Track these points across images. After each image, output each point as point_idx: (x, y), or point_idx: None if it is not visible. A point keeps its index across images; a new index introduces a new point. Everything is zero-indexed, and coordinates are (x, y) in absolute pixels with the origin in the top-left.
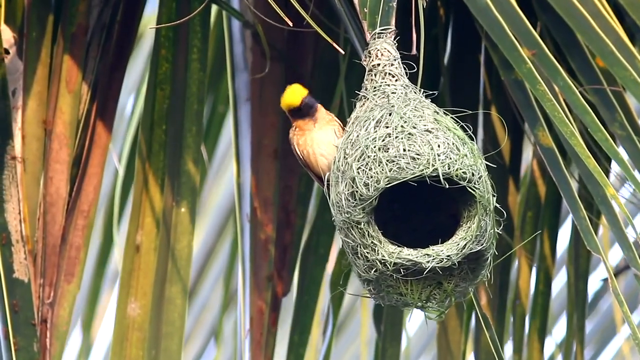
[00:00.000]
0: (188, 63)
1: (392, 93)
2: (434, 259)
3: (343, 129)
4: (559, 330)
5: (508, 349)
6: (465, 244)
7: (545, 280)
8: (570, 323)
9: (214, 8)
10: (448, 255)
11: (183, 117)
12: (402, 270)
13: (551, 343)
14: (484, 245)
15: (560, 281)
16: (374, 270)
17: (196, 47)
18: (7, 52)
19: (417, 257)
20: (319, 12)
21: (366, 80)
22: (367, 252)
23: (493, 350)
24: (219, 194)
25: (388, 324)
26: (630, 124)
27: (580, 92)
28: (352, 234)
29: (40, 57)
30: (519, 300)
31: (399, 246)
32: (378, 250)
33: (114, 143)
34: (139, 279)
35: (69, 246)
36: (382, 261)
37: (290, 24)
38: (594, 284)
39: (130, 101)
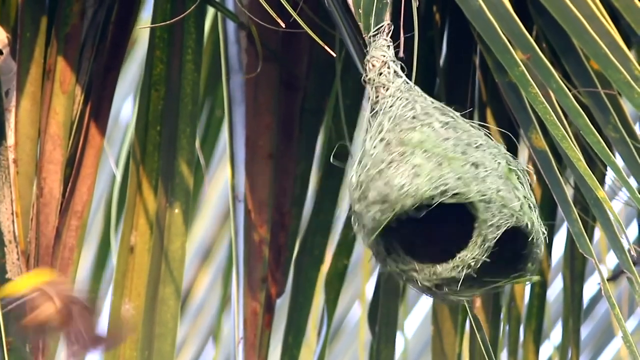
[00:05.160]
0: (182, 64)
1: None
2: (462, 268)
3: None
4: (557, 334)
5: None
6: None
7: (540, 282)
8: (566, 326)
9: (210, 10)
10: (473, 258)
11: (177, 118)
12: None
13: (549, 347)
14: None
15: (558, 285)
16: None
17: (191, 48)
18: (0, 52)
19: (450, 273)
20: (313, 13)
21: (373, 92)
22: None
23: (485, 353)
24: (217, 195)
25: (382, 325)
26: (624, 127)
27: (574, 95)
28: (388, 266)
29: (34, 58)
30: (514, 303)
31: (430, 264)
32: (417, 280)
33: (111, 146)
34: (132, 280)
35: (62, 247)
36: (424, 287)
37: (283, 25)
38: (592, 287)
39: (128, 104)
